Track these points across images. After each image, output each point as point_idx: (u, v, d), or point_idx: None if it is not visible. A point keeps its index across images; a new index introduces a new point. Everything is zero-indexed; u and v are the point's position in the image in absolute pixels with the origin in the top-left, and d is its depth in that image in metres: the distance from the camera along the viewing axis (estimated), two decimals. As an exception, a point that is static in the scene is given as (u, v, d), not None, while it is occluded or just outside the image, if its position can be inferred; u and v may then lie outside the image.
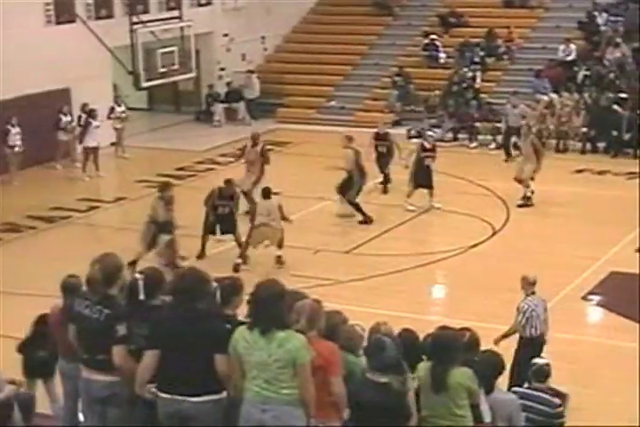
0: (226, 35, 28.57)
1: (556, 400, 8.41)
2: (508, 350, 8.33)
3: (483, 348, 8.14)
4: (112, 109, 23.76)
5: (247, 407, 6.46)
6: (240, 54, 29.07)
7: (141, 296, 7.05)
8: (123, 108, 24.22)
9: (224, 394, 6.61)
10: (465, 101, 25.36)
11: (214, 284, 7.08)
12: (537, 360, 8.77)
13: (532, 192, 19.23)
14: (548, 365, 8.67)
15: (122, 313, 6.93)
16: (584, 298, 14.86)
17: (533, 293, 11.47)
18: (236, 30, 28.62)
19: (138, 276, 7.13)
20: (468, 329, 8.08)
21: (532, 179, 19.25)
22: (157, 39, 22.97)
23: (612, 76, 25.33)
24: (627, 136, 23.23)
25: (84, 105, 22.87)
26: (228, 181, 16.51)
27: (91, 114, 22.58)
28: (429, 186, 19.00)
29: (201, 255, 16.41)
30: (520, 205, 19.15)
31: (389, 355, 6.50)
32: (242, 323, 6.59)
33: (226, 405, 6.62)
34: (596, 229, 17.51)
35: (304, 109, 27.83)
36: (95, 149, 22.23)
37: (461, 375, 6.91)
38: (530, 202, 19.24)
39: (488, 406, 7.34)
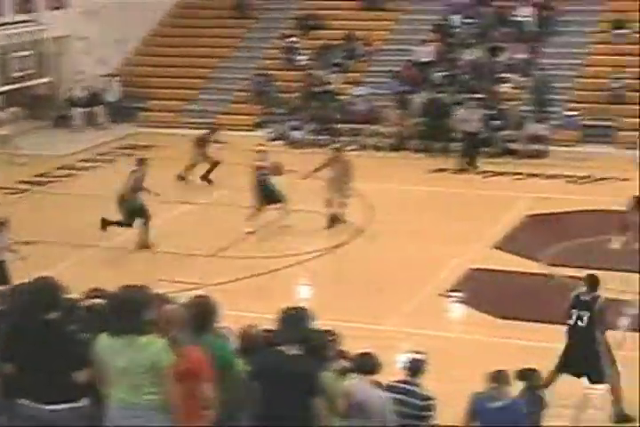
0: (83, 38, 28.11)
1: (425, 393, 8.52)
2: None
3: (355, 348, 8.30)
4: None
5: (112, 414, 6.43)
6: (99, 58, 28.63)
7: None
8: None
9: (83, 403, 6.56)
10: (324, 104, 25.57)
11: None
12: (412, 355, 8.82)
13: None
14: (420, 360, 8.74)
15: None
16: (443, 295, 15.21)
17: None
18: (95, 33, 28.18)
19: None
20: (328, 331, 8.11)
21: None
22: (13, 42, 22.46)
23: (465, 77, 26.04)
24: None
25: None
26: None
27: None
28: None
29: None
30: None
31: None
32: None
33: (89, 413, 6.58)
34: (455, 226, 17.93)
35: (166, 113, 27.65)
36: None
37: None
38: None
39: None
